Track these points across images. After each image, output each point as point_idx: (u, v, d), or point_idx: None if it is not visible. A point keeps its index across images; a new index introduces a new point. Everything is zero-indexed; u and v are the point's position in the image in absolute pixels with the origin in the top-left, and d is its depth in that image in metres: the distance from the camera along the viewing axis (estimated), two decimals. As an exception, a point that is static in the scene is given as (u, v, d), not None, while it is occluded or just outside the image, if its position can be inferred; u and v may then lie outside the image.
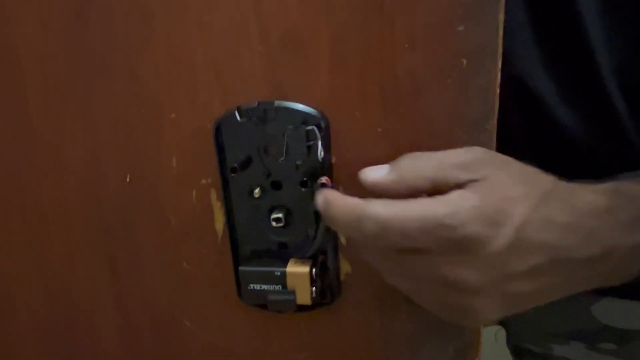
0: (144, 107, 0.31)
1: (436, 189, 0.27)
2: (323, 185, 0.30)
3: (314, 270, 0.31)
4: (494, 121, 0.29)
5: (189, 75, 0.30)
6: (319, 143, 0.29)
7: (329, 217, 0.27)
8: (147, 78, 0.31)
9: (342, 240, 0.32)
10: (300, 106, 0.29)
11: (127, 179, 0.33)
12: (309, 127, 0.29)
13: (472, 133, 0.29)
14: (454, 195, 0.26)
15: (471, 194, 0.26)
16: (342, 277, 0.33)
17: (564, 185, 0.28)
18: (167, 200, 0.33)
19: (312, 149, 0.29)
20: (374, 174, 0.28)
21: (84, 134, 0.32)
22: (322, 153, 0.29)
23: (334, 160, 0.30)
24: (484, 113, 0.29)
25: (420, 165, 0.27)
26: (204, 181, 0.32)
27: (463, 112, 0.29)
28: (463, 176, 0.26)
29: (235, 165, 0.31)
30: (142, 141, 0.32)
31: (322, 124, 0.29)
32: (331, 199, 0.27)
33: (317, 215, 0.31)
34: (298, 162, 0.30)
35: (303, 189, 0.30)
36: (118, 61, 0.30)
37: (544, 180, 0.28)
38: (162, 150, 0.32)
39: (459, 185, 0.26)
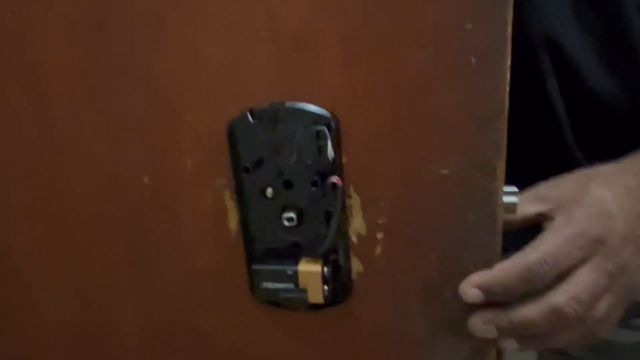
0: (160, 109, 0.32)
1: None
2: (334, 185, 0.30)
3: (325, 269, 0.32)
4: (504, 119, 0.28)
5: (203, 77, 0.31)
6: (329, 143, 0.29)
7: (500, 290, 0.30)
8: (163, 81, 0.31)
9: (354, 239, 0.32)
10: (310, 107, 0.30)
11: (145, 180, 0.34)
12: (319, 128, 0.30)
13: (482, 131, 0.29)
14: (560, 220, 0.32)
15: (572, 212, 0.32)
16: (354, 276, 0.33)
17: (612, 165, 0.34)
18: (182, 200, 0.34)
19: (322, 149, 0.30)
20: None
21: (104, 136, 0.33)
22: (333, 153, 0.30)
23: (344, 159, 0.31)
24: (494, 111, 0.28)
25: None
26: (218, 181, 0.33)
27: (473, 111, 0.29)
28: (544, 208, 0.33)
29: (247, 165, 0.31)
30: (159, 143, 0.33)
31: (332, 124, 0.30)
32: (487, 279, 0.30)
33: (328, 214, 0.31)
34: (309, 162, 0.30)
35: (314, 189, 0.31)
36: (135, 66, 0.31)
37: (596, 168, 0.34)
38: (178, 152, 0.33)
39: (548, 217, 0.32)
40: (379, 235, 0.32)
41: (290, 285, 0.32)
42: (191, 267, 0.35)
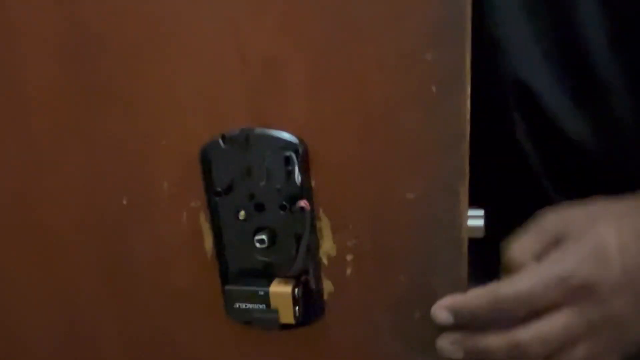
0: (137, 134, 0.33)
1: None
2: (302, 209, 0.31)
3: (296, 290, 0.32)
4: (466, 145, 0.29)
5: (177, 105, 0.32)
6: (297, 168, 0.30)
7: (468, 316, 0.30)
8: (139, 108, 0.33)
9: (324, 260, 0.33)
10: (279, 133, 0.31)
11: (124, 202, 0.35)
12: (288, 153, 0.30)
13: (445, 156, 0.30)
14: (552, 257, 0.30)
15: (567, 250, 0.30)
16: (325, 297, 0.34)
17: (626, 202, 0.32)
18: (160, 221, 0.35)
19: (291, 174, 0.31)
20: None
21: (84, 159, 0.35)
22: (300, 177, 0.30)
23: (314, 183, 0.32)
24: (455, 137, 0.29)
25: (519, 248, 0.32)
26: (193, 204, 0.34)
27: (436, 137, 0.29)
28: (549, 240, 0.31)
29: (220, 189, 0.32)
30: (137, 166, 0.34)
31: (300, 150, 0.31)
32: (457, 303, 0.30)
33: (298, 236, 0.32)
34: (278, 186, 0.31)
35: (283, 212, 0.32)
36: (113, 93, 0.33)
37: (608, 204, 0.32)
38: (154, 175, 0.34)
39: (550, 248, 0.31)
40: (349, 257, 0.33)
41: (262, 306, 0.33)
42: (169, 286, 0.36)
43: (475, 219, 0.31)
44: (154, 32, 0.31)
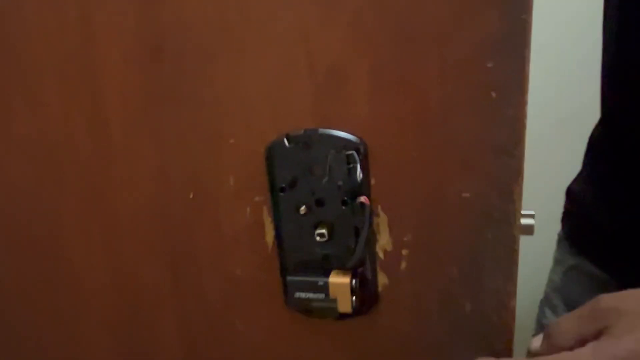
0: (206, 132, 0.36)
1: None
2: (362, 204, 0.33)
3: (354, 281, 0.34)
4: (523, 147, 0.31)
5: (245, 106, 0.34)
6: (358, 166, 0.32)
7: None
8: (210, 108, 0.35)
9: (380, 254, 0.35)
10: (341, 133, 0.33)
11: (191, 195, 0.37)
12: (349, 152, 0.32)
13: (501, 158, 0.31)
14: (587, 349, 0.29)
15: (599, 349, 0.28)
16: (380, 289, 0.36)
17: None
18: (224, 214, 0.37)
19: (352, 171, 0.33)
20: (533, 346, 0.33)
21: (155, 155, 0.37)
22: (361, 175, 0.32)
23: (373, 181, 0.34)
24: (513, 140, 0.31)
25: (562, 328, 0.32)
26: (256, 198, 0.36)
27: (493, 139, 0.31)
28: (593, 327, 0.30)
29: (283, 185, 0.34)
30: (205, 162, 0.36)
31: (361, 149, 0.32)
32: None
33: (357, 230, 0.34)
34: (339, 183, 0.33)
35: (344, 207, 0.34)
36: (185, 94, 0.35)
37: None
38: (221, 171, 0.36)
39: (595, 336, 0.30)
40: (404, 252, 0.35)
41: (322, 295, 0.35)
42: (230, 275, 0.38)
43: (527, 218, 0.33)
44: (227, 39, 0.33)
